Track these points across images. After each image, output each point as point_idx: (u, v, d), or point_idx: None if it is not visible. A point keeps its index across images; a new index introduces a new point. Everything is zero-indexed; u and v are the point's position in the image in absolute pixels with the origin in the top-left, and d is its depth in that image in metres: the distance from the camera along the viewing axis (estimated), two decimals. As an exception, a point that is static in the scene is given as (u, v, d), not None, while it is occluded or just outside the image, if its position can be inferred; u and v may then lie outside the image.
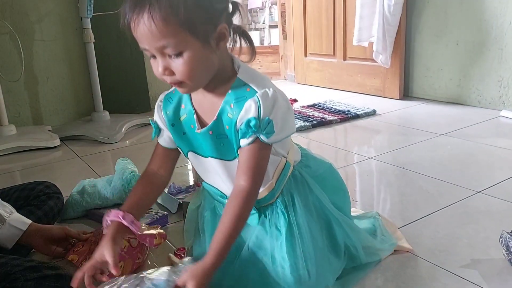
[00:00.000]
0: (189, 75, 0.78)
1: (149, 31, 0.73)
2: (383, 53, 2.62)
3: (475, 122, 2.19)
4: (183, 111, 0.91)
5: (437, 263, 1.07)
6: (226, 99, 0.84)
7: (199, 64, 0.78)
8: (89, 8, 2.26)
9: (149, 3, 0.72)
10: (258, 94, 0.81)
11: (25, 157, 2.07)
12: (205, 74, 0.81)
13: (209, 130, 0.87)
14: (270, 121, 0.81)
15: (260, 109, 0.80)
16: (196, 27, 0.75)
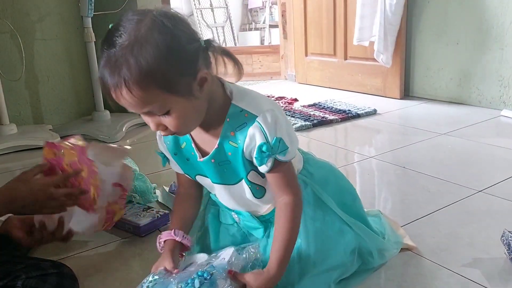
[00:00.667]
0: (181, 127, 0.79)
1: (131, 100, 0.72)
2: (384, 53, 2.62)
3: (475, 121, 2.19)
4: (182, 140, 0.92)
5: (439, 262, 1.07)
6: (225, 127, 0.85)
7: (188, 115, 0.79)
8: (90, 7, 2.26)
9: (123, 75, 0.70)
10: (258, 119, 0.82)
11: (25, 156, 2.07)
12: (198, 119, 0.82)
13: (211, 159, 0.88)
14: (280, 139, 0.82)
15: (266, 133, 0.82)
16: (175, 85, 0.74)
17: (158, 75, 0.71)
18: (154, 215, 1.31)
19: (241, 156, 0.86)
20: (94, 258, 1.18)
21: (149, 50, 0.70)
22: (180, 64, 0.73)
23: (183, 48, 0.73)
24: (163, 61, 0.71)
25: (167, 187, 1.54)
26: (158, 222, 1.30)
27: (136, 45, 0.70)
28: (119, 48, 0.71)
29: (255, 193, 0.92)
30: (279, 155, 0.83)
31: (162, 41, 0.71)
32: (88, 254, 1.18)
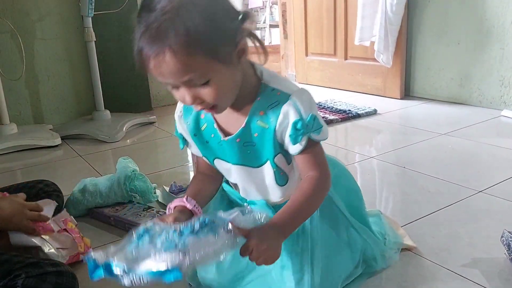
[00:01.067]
0: (220, 98, 0.76)
1: (173, 66, 0.69)
2: (384, 53, 2.62)
3: (476, 121, 2.19)
4: (203, 121, 0.89)
5: (439, 262, 1.07)
6: (255, 106, 0.83)
7: (227, 85, 0.77)
8: (90, 7, 2.26)
9: (168, 40, 0.68)
10: (292, 97, 0.80)
11: (26, 156, 2.08)
12: (234, 91, 0.80)
13: (236, 138, 0.85)
14: (314, 116, 0.80)
15: (300, 110, 0.80)
16: (219, 52, 0.72)
17: (204, 40, 0.69)
18: (154, 215, 1.31)
19: (272, 137, 0.83)
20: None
21: (195, 14, 0.68)
22: (224, 31, 0.72)
23: (227, 15, 0.73)
24: (208, 26, 0.69)
25: (167, 187, 1.54)
26: (158, 222, 1.30)
27: (181, 9, 0.68)
28: (161, 13, 0.68)
29: (278, 178, 0.89)
30: (313, 133, 0.81)
31: (208, 5, 0.70)
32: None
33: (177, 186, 1.55)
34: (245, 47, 0.76)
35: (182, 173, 1.75)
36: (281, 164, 0.88)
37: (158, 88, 2.86)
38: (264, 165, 0.88)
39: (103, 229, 1.32)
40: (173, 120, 0.96)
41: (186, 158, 1.89)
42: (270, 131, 0.83)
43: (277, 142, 0.84)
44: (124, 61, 2.63)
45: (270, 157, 0.86)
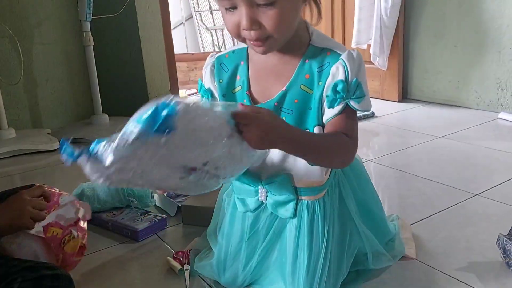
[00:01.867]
0: (280, 27, 0.71)
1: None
2: (380, 56, 2.63)
3: (473, 124, 2.20)
4: (238, 82, 0.84)
5: (435, 265, 1.07)
6: (300, 69, 0.78)
7: (290, 15, 0.72)
8: (89, 12, 2.27)
9: None
10: (343, 57, 0.75)
11: (24, 160, 2.08)
12: (291, 30, 0.75)
13: (275, 102, 0.79)
14: (359, 83, 0.74)
15: (348, 71, 0.74)
16: None
17: None
18: (151, 220, 1.31)
19: (318, 104, 0.77)
20: (92, 263, 1.18)
21: None
22: None
23: None
24: None
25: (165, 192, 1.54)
26: (156, 227, 1.31)
27: None
28: None
29: None
30: (353, 100, 0.75)
31: None
32: (86, 259, 1.18)
33: (175, 190, 1.55)
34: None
35: (180, 177, 1.75)
36: None
37: (157, 91, 2.86)
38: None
39: (101, 234, 1.32)
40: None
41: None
42: (315, 98, 0.78)
43: (321, 111, 0.78)
44: (122, 65, 2.64)
45: (310, 127, 0.80)
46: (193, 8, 5.42)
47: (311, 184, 0.86)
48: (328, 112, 0.77)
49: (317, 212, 0.87)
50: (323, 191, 0.88)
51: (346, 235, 0.96)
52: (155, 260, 1.16)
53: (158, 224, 1.31)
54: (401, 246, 1.11)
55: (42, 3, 2.39)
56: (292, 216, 0.87)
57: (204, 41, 5.39)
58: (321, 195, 0.88)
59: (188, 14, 5.46)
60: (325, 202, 0.89)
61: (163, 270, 1.12)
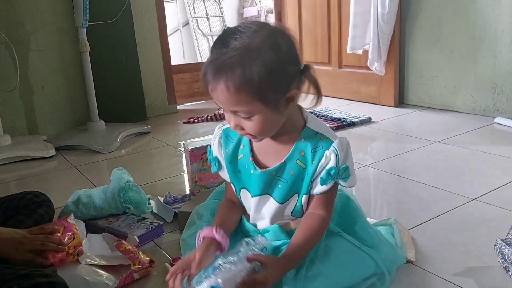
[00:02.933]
0: (259, 132, 0.87)
1: (224, 97, 0.81)
2: (377, 61, 2.64)
3: (469, 129, 2.20)
4: (241, 151, 0.98)
5: (432, 270, 1.07)
6: (296, 147, 0.92)
7: (268, 125, 0.86)
8: (85, 18, 2.27)
9: (225, 74, 0.79)
10: (335, 144, 0.90)
11: (20, 167, 2.07)
12: (274, 130, 0.90)
13: (273, 171, 0.93)
14: (346, 167, 0.90)
15: (339, 159, 0.89)
16: (267, 97, 0.82)
17: (255, 87, 0.80)
18: (148, 226, 1.31)
19: (310, 178, 0.91)
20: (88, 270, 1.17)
21: (256, 64, 0.79)
22: (277, 83, 0.82)
23: (284, 70, 0.82)
24: (263, 77, 0.79)
25: (161, 198, 1.54)
26: (153, 233, 1.30)
27: (246, 55, 0.79)
28: (231, 50, 0.80)
29: (296, 213, 0.97)
30: (341, 180, 0.90)
31: (269, 59, 0.80)
32: (82, 266, 1.17)
33: (172, 196, 1.55)
34: (294, 96, 0.86)
35: (176, 184, 1.74)
36: (304, 203, 0.95)
37: (153, 98, 2.87)
38: (289, 200, 0.95)
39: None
40: (167, 130, 0.99)
41: (181, 168, 1.89)
42: (308, 173, 0.91)
43: (310, 184, 0.92)
44: (118, 71, 2.64)
45: (301, 194, 0.94)
46: (189, 14, 5.44)
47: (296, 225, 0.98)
48: (319, 187, 0.92)
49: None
50: None
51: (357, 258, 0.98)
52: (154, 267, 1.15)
53: (155, 231, 1.31)
54: (403, 251, 1.10)
55: (38, 10, 2.39)
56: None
57: (201, 47, 5.40)
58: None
59: (185, 20, 5.46)
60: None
61: (160, 276, 1.12)
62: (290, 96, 0.85)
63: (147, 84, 2.80)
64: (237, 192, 1.02)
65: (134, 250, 1.15)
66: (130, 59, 2.67)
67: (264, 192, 0.96)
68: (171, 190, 1.60)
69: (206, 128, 2.55)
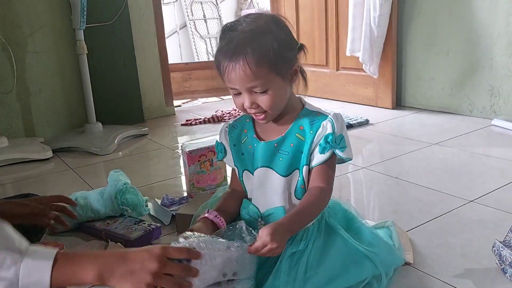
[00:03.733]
0: (273, 106, 0.94)
1: (244, 74, 0.88)
2: (370, 64, 2.64)
3: (467, 131, 2.21)
4: (245, 135, 1.05)
5: (430, 272, 1.07)
6: (295, 122, 0.99)
7: (280, 96, 0.95)
8: (82, 20, 2.27)
9: (244, 51, 0.88)
10: (331, 116, 0.97)
11: (17, 169, 2.06)
12: (283, 104, 0.98)
13: (274, 143, 0.99)
14: (342, 136, 0.96)
15: (335, 127, 0.95)
16: (280, 68, 0.91)
17: (271, 59, 0.89)
18: (145, 228, 1.30)
19: (308, 148, 0.97)
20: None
21: (267, 39, 0.89)
22: (286, 55, 0.92)
23: (290, 44, 0.94)
24: (276, 50, 0.89)
25: (159, 200, 1.53)
26: (150, 236, 1.30)
27: (256, 33, 0.89)
28: (241, 33, 0.89)
29: (298, 192, 0.99)
30: (338, 149, 0.95)
31: (278, 34, 0.91)
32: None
33: (169, 198, 1.54)
34: (297, 70, 0.96)
35: (174, 186, 1.74)
36: (305, 176, 0.99)
37: (151, 100, 2.86)
38: (291, 175, 0.99)
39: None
40: (165, 132, 1.00)
41: (179, 170, 1.89)
42: (306, 143, 0.97)
43: (309, 155, 0.97)
44: (116, 73, 2.63)
45: (301, 166, 0.98)
46: (187, 16, 5.44)
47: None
48: (318, 157, 0.97)
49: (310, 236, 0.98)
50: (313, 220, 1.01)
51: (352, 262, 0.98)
52: (149, 270, 1.15)
53: (152, 233, 1.30)
54: (401, 253, 1.10)
55: (36, 12, 2.39)
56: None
57: (198, 49, 5.41)
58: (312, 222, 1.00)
59: (182, 22, 5.47)
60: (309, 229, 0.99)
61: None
62: (294, 70, 0.95)
63: (144, 86, 2.80)
64: (239, 175, 1.06)
65: None
66: (128, 61, 2.67)
67: (266, 164, 1.00)
68: (168, 192, 1.60)
69: (204, 130, 2.55)
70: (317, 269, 0.93)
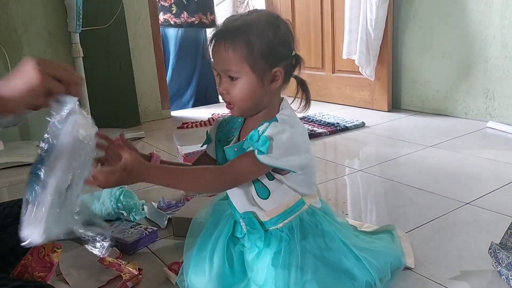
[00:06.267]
0: (238, 98, 0.92)
1: (221, 55, 0.90)
2: (366, 66, 2.65)
3: (462, 133, 2.22)
4: (232, 133, 1.03)
5: (427, 275, 1.07)
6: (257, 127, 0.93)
7: (249, 92, 0.91)
8: (78, 23, 2.26)
9: (229, 37, 0.90)
10: (273, 120, 0.92)
11: (12, 173, 2.05)
12: (251, 103, 0.94)
13: (235, 148, 0.96)
14: (267, 140, 0.88)
15: (266, 128, 0.90)
16: (257, 64, 0.90)
17: (250, 50, 0.89)
18: (142, 232, 1.30)
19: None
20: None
21: (255, 34, 0.89)
22: (268, 54, 0.90)
23: (277, 46, 0.91)
24: (258, 45, 0.89)
25: (155, 203, 1.53)
26: (146, 239, 1.29)
27: (248, 25, 0.90)
28: (234, 20, 0.92)
29: (258, 191, 0.96)
30: (257, 150, 0.88)
31: (267, 33, 0.90)
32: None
33: (166, 202, 1.54)
34: (279, 75, 0.92)
35: (170, 189, 1.73)
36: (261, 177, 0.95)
37: (147, 103, 2.86)
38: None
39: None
40: (161, 135, 0.99)
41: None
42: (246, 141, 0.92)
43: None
44: (112, 77, 2.63)
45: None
46: (183, 19, 5.44)
47: (272, 214, 0.97)
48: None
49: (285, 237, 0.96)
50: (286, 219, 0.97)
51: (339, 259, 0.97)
52: (146, 273, 1.15)
53: (149, 237, 1.30)
54: (402, 257, 1.10)
55: (31, 15, 2.38)
56: (263, 247, 0.97)
57: (194, 52, 5.39)
58: (285, 222, 0.97)
59: (178, 25, 5.46)
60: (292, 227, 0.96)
61: (154, 283, 1.11)
62: (275, 73, 0.92)
63: (140, 90, 2.79)
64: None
65: (118, 262, 1.14)
66: (124, 64, 2.67)
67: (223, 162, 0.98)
68: (164, 196, 1.59)
69: (200, 134, 2.54)
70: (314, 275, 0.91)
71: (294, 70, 0.96)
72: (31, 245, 0.74)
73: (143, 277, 1.13)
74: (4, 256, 1.10)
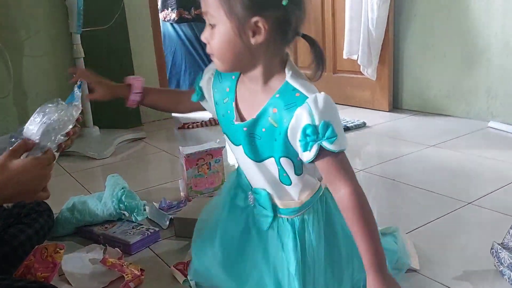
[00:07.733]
0: (215, 48, 0.82)
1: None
2: (368, 66, 2.65)
3: (464, 133, 2.21)
4: (226, 94, 0.91)
5: (429, 275, 1.07)
6: (270, 102, 0.83)
7: (225, 43, 0.80)
8: (79, 24, 2.26)
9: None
10: (308, 100, 0.78)
11: (14, 174, 2.05)
12: (231, 57, 0.82)
13: (244, 127, 0.86)
14: (327, 123, 0.77)
15: (313, 115, 0.77)
16: (233, 7, 0.77)
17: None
18: (144, 233, 1.30)
19: (283, 138, 0.81)
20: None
21: None
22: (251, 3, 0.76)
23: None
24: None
25: (157, 204, 1.53)
26: (148, 240, 1.29)
27: None
28: None
29: (281, 177, 0.87)
30: (325, 141, 0.77)
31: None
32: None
33: (167, 202, 1.54)
34: (260, 26, 0.78)
35: (172, 189, 1.73)
36: (286, 167, 0.85)
37: (148, 103, 2.86)
38: (266, 161, 0.87)
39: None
40: (162, 136, 0.98)
41: (176, 174, 1.88)
42: (281, 132, 0.81)
43: (290, 146, 0.82)
44: (113, 77, 2.61)
45: (276, 156, 0.85)
46: (183, 20, 5.44)
47: (288, 205, 0.91)
48: (305, 154, 0.80)
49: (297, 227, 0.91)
50: (300, 212, 0.91)
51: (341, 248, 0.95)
52: (149, 274, 1.15)
53: (151, 237, 1.30)
54: (407, 259, 1.10)
55: (33, 16, 2.38)
56: (267, 229, 0.93)
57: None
58: (298, 215, 0.91)
59: (179, 26, 5.47)
60: (305, 220, 0.91)
61: (157, 284, 1.11)
62: (255, 25, 0.77)
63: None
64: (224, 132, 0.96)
65: (121, 263, 1.14)
66: (124, 65, 2.66)
67: (239, 143, 0.89)
68: (166, 196, 1.59)
69: (201, 134, 2.54)
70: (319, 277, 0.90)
71: (290, 26, 0.81)
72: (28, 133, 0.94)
73: (145, 278, 1.13)
74: (7, 257, 1.10)
